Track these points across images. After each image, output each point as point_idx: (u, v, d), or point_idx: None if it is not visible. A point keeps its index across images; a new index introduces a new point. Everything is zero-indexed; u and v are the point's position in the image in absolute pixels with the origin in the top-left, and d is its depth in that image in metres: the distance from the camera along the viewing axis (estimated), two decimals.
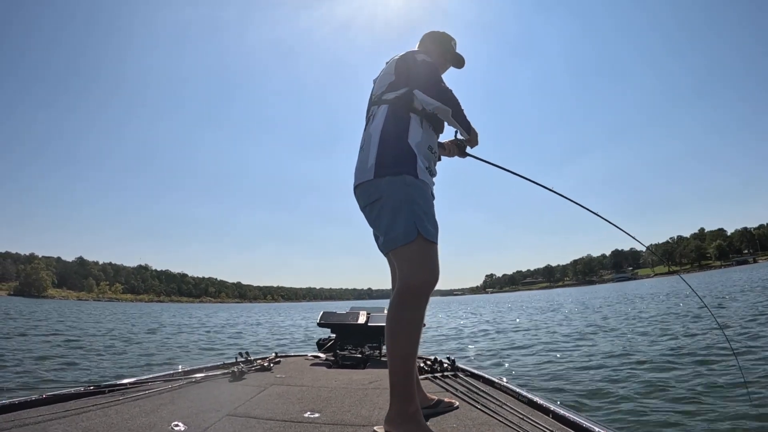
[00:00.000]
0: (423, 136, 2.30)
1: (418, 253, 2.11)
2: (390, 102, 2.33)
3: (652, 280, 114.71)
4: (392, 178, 2.18)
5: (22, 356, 9.16)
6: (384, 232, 2.19)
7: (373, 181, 2.22)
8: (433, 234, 2.15)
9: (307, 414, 2.37)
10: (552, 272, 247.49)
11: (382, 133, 2.27)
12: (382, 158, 2.22)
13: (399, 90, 2.33)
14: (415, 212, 2.13)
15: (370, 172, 2.23)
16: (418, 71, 2.32)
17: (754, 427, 3.96)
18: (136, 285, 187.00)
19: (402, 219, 2.12)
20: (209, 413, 2.31)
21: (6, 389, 5.80)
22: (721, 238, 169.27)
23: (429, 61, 2.36)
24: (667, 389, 5.35)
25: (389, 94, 2.35)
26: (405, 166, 2.19)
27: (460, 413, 2.39)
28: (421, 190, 2.20)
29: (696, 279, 57.09)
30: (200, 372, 3.39)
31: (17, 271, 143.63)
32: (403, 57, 2.39)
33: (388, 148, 2.23)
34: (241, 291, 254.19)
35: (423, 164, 2.25)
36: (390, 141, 2.25)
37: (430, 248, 2.14)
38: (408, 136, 2.25)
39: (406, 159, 2.21)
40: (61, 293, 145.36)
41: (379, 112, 2.36)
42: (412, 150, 2.23)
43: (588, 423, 2.05)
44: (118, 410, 2.33)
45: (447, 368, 3.52)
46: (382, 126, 2.29)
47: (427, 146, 2.32)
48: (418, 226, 2.11)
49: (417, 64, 2.33)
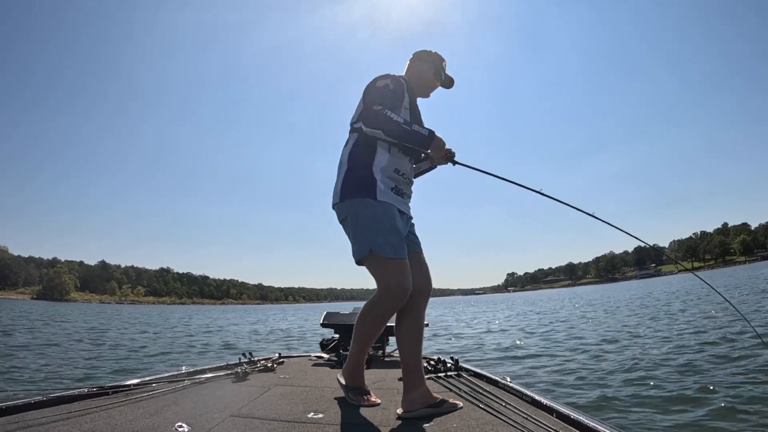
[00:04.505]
0: (389, 160, 2.55)
1: (374, 268, 2.45)
2: (359, 130, 2.57)
3: (677, 276, 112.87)
4: (352, 201, 2.50)
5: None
6: (352, 247, 2.51)
7: (339, 203, 2.56)
8: (387, 250, 2.40)
9: (310, 414, 2.37)
10: (574, 270, 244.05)
11: (349, 161, 2.57)
12: (347, 183, 2.53)
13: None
14: (370, 231, 2.43)
15: (337, 195, 2.56)
16: (366, 95, 2.58)
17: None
18: (158, 287, 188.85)
19: (360, 237, 2.45)
20: (213, 414, 2.32)
21: (10, 390, 5.84)
22: (745, 233, 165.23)
23: (384, 85, 2.57)
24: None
25: (359, 122, 2.58)
26: (365, 191, 2.47)
27: (464, 413, 2.39)
28: (380, 211, 2.45)
29: (721, 275, 55.92)
30: (204, 373, 3.41)
31: (40, 275, 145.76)
32: (369, 83, 2.62)
33: (352, 175, 2.53)
34: (262, 292, 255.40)
35: (386, 186, 2.51)
36: (355, 168, 2.54)
37: (384, 263, 2.41)
38: (373, 162, 2.52)
39: (367, 184, 2.48)
40: (83, 296, 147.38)
41: (350, 139, 2.64)
42: (373, 176, 2.49)
43: (592, 422, 2.03)
44: (122, 411, 2.35)
45: (450, 368, 3.51)
46: (349, 153, 2.59)
47: (393, 169, 2.56)
48: (371, 243, 2.40)
49: (370, 89, 2.58)
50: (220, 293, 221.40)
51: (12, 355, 9.74)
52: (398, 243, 2.44)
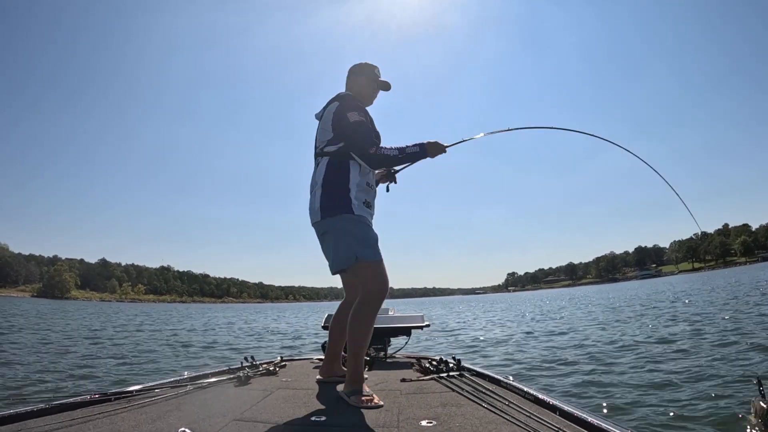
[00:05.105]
0: (361, 176, 2.90)
1: (360, 273, 2.80)
2: (331, 154, 2.91)
3: (678, 277, 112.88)
4: (333, 218, 2.83)
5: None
6: (331, 259, 2.90)
7: (320, 221, 2.88)
8: (370, 254, 2.79)
9: (313, 417, 2.37)
10: (574, 270, 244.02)
11: (324, 182, 2.88)
12: (326, 203, 2.85)
13: (338, 144, 2.89)
14: (354, 241, 2.79)
15: (317, 214, 2.88)
16: (351, 135, 2.87)
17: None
18: (158, 286, 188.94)
19: (344, 247, 2.80)
20: (216, 418, 2.32)
21: (11, 397, 5.76)
22: (746, 234, 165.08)
23: (358, 120, 2.88)
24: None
25: (329, 147, 2.93)
26: (342, 207, 2.82)
27: (467, 412, 2.38)
28: (357, 222, 2.82)
29: (721, 275, 55.62)
30: (206, 377, 3.41)
31: (41, 273, 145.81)
32: (337, 114, 2.91)
33: (329, 195, 2.85)
34: (262, 291, 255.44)
35: (360, 200, 2.87)
36: (331, 188, 2.86)
37: (369, 267, 2.79)
38: (348, 181, 2.86)
39: (344, 201, 2.82)
40: (84, 294, 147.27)
41: (322, 162, 2.94)
42: (349, 194, 2.84)
43: (596, 420, 2.03)
44: (125, 418, 2.35)
45: (453, 368, 3.50)
46: (323, 175, 2.89)
47: (365, 183, 2.93)
48: (356, 251, 2.76)
49: (349, 126, 2.86)
50: (220, 292, 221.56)
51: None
52: (377, 247, 2.85)
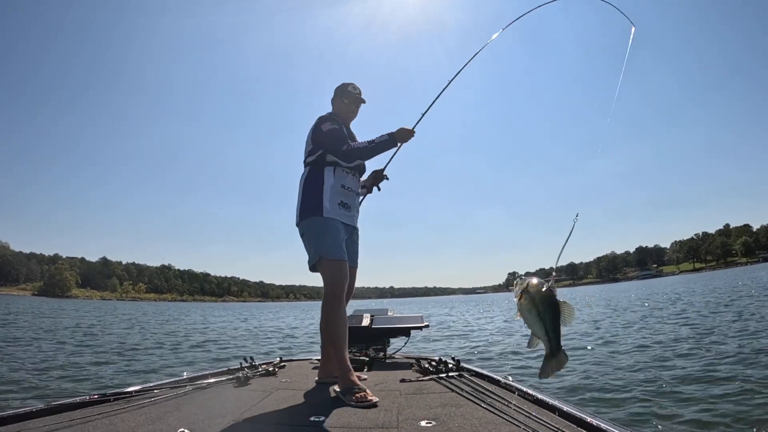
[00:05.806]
0: (335, 179, 3.25)
1: (322, 270, 3.13)
2: (311, 163, 3.31)
3: (679, 277, 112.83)
4: (306, 220, 3.20)
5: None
6: (308, 257, 3.21)
7: (300, 222, 3.26)
8: (330, 253, 3.10)
9: (312, 418, 2.37)
10: (575, 269, 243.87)
11: (303, 188, 3.27)
12: (303, 206, 3.23)
13: (317, 153, 3.29)
14: (320, 241, 3.12)
15: (298, 216, 3.27)
16: (326, 141, 3.24)
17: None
18: (159, 284, 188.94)
19: (313, 246, 3.16)
20: (215, 419, 2.32)
21: (10, 399, 5.73)
22: (747, 234, 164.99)
23: (331, 128, 3.27)
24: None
25: (310, 157, 3.32)
26: (314, 210, 3.17)
27: (466, 412, 2.37)
28: (327, 224, 3.15)
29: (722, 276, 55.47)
30: (205, 378, 3.42)
31: (41, 271, 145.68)
32: (314, 128, 3.31)
33: (306, 200, 3.23)
34: (263, 290, 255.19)
35: (334, 202, 3.20)
36: (308, 193, 3.23)
37: (328, 264, 3.11)
38: (322, 185, 3.21)
39: (316, 205, 3.17)
40: (84, 293, 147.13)
41: (304, 171, 3.36)
42: (321, 197, 3.18)
43: (595, 420, 2.02)
44: (124, 418, 2.35)
45: (452, 368, 3.50)
46: (304, 182, 3.29)
47: (339, 185, 3.26)
48: (320, 251, 3.10)
49: (323, 135, 3.25)
50: (221, 290, 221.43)
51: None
52: (339, 248, 3.14)
